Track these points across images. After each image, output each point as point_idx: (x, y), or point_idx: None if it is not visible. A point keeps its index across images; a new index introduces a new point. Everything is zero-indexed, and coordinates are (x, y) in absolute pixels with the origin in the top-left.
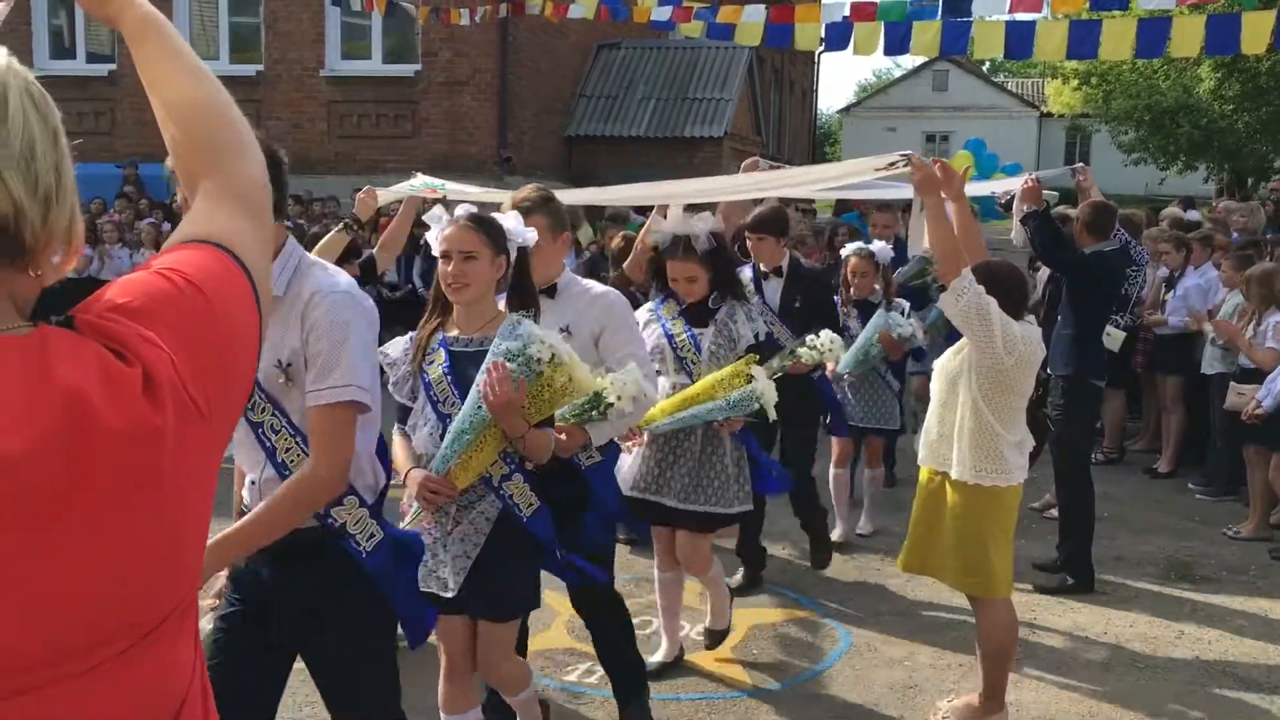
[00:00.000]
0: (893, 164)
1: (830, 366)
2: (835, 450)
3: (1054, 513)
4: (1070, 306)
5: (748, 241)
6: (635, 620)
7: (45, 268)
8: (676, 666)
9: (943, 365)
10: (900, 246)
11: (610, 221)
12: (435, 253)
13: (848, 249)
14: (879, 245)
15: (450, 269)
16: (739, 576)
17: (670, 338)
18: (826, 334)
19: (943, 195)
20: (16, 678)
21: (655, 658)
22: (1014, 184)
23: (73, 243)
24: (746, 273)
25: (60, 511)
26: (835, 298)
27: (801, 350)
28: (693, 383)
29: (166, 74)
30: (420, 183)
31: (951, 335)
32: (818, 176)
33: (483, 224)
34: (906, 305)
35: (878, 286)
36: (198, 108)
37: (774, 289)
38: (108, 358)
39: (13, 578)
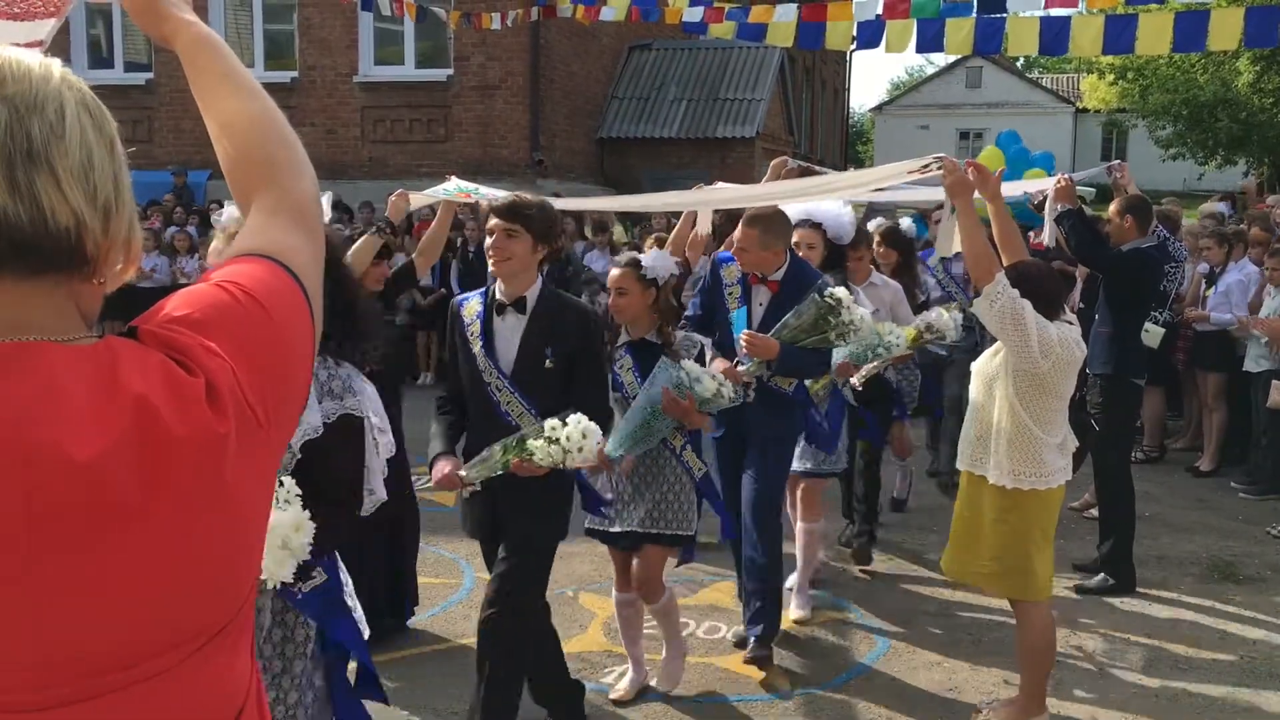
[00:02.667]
0: (925, 167)
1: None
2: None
3: (1094, 512)
4: (1108, 305)
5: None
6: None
7: (108, 276)
8: (709, 669)
9: (979, 368)
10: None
11: (643, 223)
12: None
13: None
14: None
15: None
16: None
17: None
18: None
19: (980, 196)
20: (88, 681)
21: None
22: (1047, 184)
23: (131, 251)
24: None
25: (130, 518)
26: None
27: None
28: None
29: (220, 93)
30: (454, 186)
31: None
32: (850, 182)
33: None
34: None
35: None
36: (251, 125)
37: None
38: (172, 367)
39: (85, 583)
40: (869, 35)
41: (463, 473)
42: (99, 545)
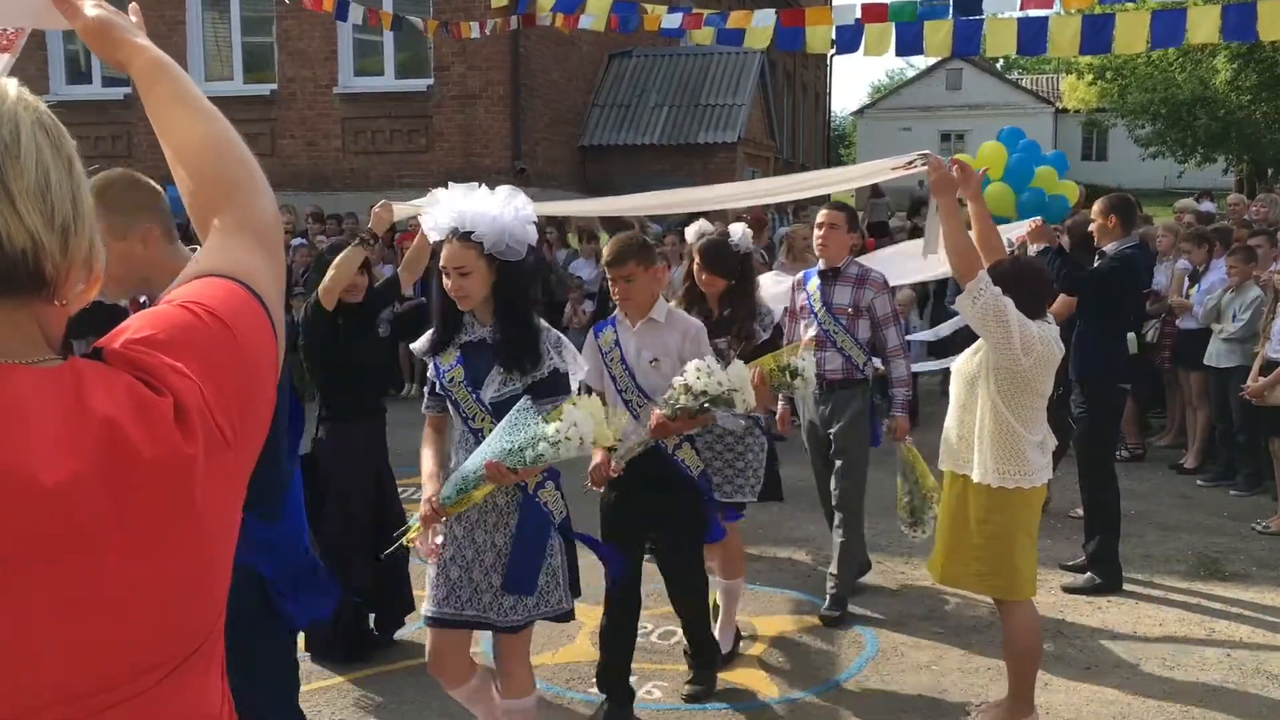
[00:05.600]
0: (910, 163)
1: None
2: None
3: (1079, 512)
4: (1093, 310)
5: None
6: (658, 631)
7: (69, 297)
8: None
9: (959, 367)
10: None
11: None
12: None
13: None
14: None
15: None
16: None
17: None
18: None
19: (960, 195)
20: (61, 708)
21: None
22: (1021, 228)
23: (94, 270)
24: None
25: (100, 542)
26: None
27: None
28: None
29: (177, 116)
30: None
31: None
32: (834, 179)
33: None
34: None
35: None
36: (208, 146)
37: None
38: (139, 388)
39: (56, 609)
40: (848, 39)
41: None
42: (70, 570)
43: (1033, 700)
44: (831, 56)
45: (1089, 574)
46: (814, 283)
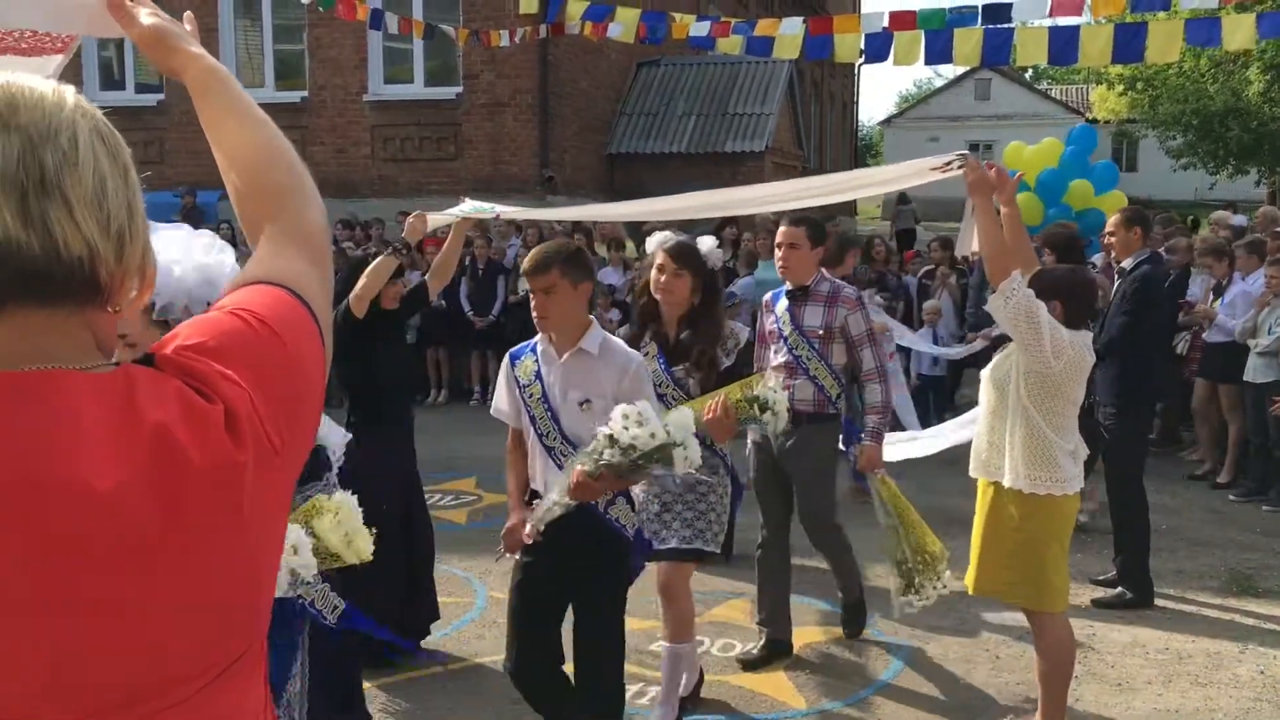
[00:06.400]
0: (948, 164)
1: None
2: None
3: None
4: (1122, 331)
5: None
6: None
7: (123, 303)
8: (724, 686)
9: (990, 373)
10: None
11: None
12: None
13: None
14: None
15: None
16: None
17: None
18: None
19: (995, 199)
20: (106, 715)
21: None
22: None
23: (146, 277)
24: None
25: (150, 548)
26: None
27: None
28: None
29: (228, 123)
30: (470, 207)
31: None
32: (870, 180)
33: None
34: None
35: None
36: (259, 154)
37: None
38: (190, 395)
39: (105, 615)
40: (877, 47)
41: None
42: (119, 575)
43: (1064, 716)
44: (860, 65)
45: (1119, 589)
46: (782, 304)
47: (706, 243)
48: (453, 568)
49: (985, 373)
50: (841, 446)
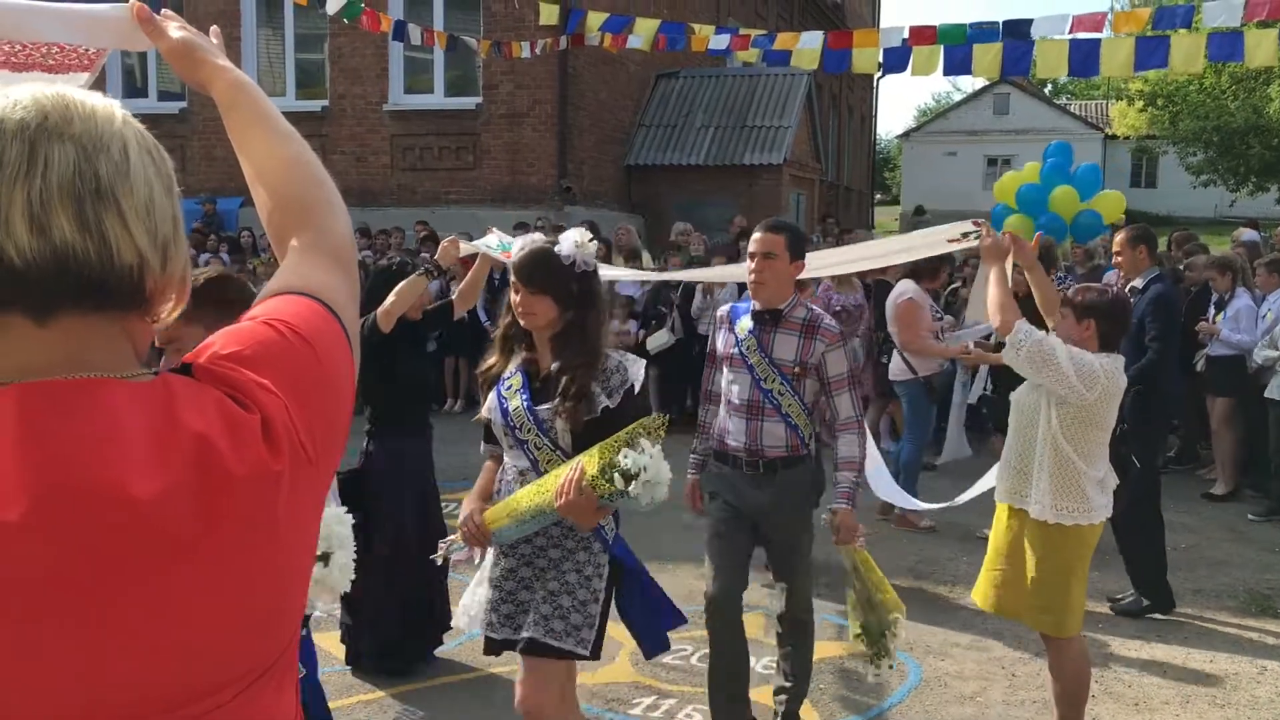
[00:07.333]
0: (966, 234)
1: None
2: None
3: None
4: (1137, 345)
5: None
6: (697, 654)
7: (161, 314)
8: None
9: (1019, 399)
10: None
11: (673, 250)
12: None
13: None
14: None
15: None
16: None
17: None
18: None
19: (1018, 263)
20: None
21: None
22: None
23: (185, 289)
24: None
25: (188, 555)
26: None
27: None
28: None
29: (256, 136)
30: (495, 241)
31: None
32: (887, 250)
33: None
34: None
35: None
36: (287, 167)
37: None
38: (228, 404)
39: (142, 622)
40: (896, 59)
41: None
42: (157, 583)
43: None
44: (878, 79)
45: (1134, 594)
46: (745, 323)
47: (569, 239)
48: (466, 576)
49: (1014, 398)
50: None
